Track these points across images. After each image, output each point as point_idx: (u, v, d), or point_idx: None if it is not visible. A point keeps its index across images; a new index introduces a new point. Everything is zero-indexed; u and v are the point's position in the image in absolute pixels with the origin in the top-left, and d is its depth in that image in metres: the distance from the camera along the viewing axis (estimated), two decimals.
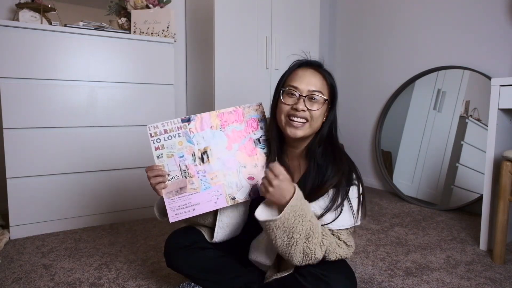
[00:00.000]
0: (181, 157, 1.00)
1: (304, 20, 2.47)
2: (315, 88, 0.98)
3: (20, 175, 1.67)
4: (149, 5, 1.98)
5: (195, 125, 1.02)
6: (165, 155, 0.99)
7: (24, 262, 1.43)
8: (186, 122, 1.01)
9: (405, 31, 2.55)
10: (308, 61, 1.04)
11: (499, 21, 2.04)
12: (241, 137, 1.04)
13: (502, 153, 1.49)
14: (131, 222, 1.93)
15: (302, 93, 0.98)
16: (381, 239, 1.70)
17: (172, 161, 0.99)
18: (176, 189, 0.99)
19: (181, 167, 1.00)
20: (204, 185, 1.00)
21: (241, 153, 1.03)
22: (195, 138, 1.01)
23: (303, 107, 0.97)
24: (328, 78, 1.02)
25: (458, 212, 2.14)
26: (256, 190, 1.02)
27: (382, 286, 1.26)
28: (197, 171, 1.00)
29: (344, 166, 0.99)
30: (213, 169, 1.01)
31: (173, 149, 1.00)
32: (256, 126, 1.06)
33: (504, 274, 1.35)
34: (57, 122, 1.73)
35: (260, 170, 1.03)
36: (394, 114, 2.62)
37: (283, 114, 1.00)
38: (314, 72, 1.01)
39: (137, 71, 1.90)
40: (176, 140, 1.00)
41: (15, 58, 1.62)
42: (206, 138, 1.02)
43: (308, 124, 0.99)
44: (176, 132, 1.00)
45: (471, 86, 2.18)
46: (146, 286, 1.24)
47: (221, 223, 1.07)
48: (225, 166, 1.01)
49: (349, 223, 0.98)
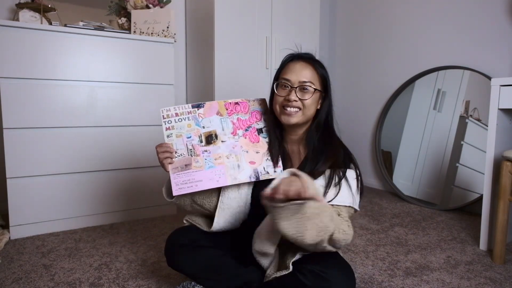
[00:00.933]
0: (189, 138, 1.08)
1: (304, 20, 2.47)
2: (306, 79, 1.05)
3: (20, 175, 1.67)
4: (149, 5, 1.98)
5: (204, 111, 1.11)
6: (174, 135, 1.08)
7: (24, 262, 1.43)
8: (196, 107, 1.11)
9: (405, 31, 2.55)
10: (299, 54, 1.11)
11: (499, 21, 2.04)
12: (245, 125, 1.13)
13: (502, 153, 1.49)
14: (131, 222, 1.93)
15: (294, 85, 1.06)
16: (381, 239, 1.70)
17: (180, 140, 1.08)
18: (181, 165, 1.06)
19: (188, 147, 1.08)
20: (208, 164, 1.07)
21: (245, 139, 1.11)
22: (203, 122, 1.10)
23: (295, 97, 1.05)
24: (318, 68, 1.08)
25: (458, 212, 2.14)
26: (257, 174, 1.08)
27: (382, 286, 1.26)
28: (202, 151, 1.08)
29: (338, 150, 1.07)
30: (218, 151, 1.09)
31: (182, 130, 1.09)
32: (259, 118, 1.15)
33: (504, 274, 1.35)
34: (57, 122, 1.73)
35: (261, 157, 1.10)
36: (394, 114, 2.62)
37: (278, 104, 1.08)
38: (305, 64, 1.08)
39: (137, 71, 1.90)
40: (185, 123, 1.09)
41: (15, 58, 1.62)
42: (213, 122, 1.11)
43: (301, 112, 1.06)
44: (186, 115, 1.10)
45: (471, 86, 2.18)
46: (146, 286, 1.24)
47: (222, 204, 1.10)
48: (229, 149, 1.09)
49: (348, 201, 1.01)
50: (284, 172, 0.93)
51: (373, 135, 2.78)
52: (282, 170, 1.08)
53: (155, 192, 2.00)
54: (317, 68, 1.08)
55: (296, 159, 1.12)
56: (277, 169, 1.09)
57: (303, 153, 1.12)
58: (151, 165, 1.97)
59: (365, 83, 2.86)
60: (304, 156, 1.11)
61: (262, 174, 1.08)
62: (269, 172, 1.08)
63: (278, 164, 1.09)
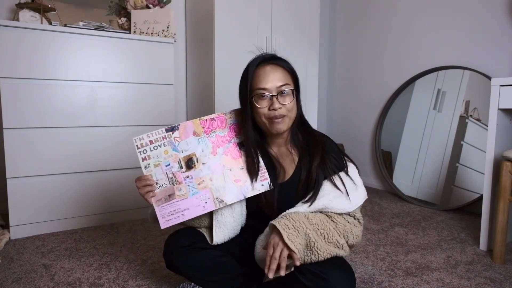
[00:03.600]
0: (168, 165, 1.03)
1: (304, 20, 2.47)
2: (281, 82, 1.03)
3: (20, 175, 1.67)
4: (149, 5, 1.98)
5: (179, 134, 1.05)
6: (152, 165, 1.03)
7: (24, 262, 1.43)
8: (171, 131, 1.05)
9: (405, 31, 2.55)
10: (262, 57, 1.07)
11: (499, 21, 2.04)
12: (225, 141, 1.07)
13: (502, 153, 1.49)
14: (131, 222, 1.93)
15: (272, 92, 1.03)
16: (381, 239, 1.70)
17: (159, 170, 1.03)
18: (165, 196, 1.02)
19: (168, 175, 1.03)
20: (191, 190, 1.03)
21: (226, 157, 1.06)
22: (180, 146, 1.05)
23: (278, 105, 1.02)
24: (286, 66, 1.07)
25: (458, 212, 2.14)
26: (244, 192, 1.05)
27: (382, 286, 1.26)
28: (184, 178, 1.03)
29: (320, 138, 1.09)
30: (200, 174, 1.04)
31: (160, 158, 1.03)
32: (239, 131, 1.09)
33: (504, 274, 1.35)
34: (57, 122, 1.73)
35: (246, 172, 1.06)
36: (394, 114, 2.62)
37: (263, 116, 1.04)
38: (273, 67, 1.05)
39: (137, 71, 1.90)
40: (161, 150, 1.04)
41: (15, 58, 1.62)
42: (191, 145, 1.05)
43: (287, 117, 1.05)
44: (161, 141, 1.04)
45: (471, 86, 2.18)
46: (146, 286, 1.24)
47: (217, 223, 1.08)
48: (211, 171, 1.05)
49: (362, 198, 1.05)
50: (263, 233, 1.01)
51: (373, 135, 2.78)
52: (269, 182, 1.05)
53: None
54: (285, 66, 1.06)
55: (289, 161, 1.10)
56: (264, 182, 1.05)
57: (296, 154, 1.10)
58: None
59: (365, 83, 2.86)
60: (298, 159, 1.09)
61: (249, 191, 1.05)
62: (256, 188, 1.05)
63: (264, 177, 1.05)
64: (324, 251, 0.95)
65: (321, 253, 0.94)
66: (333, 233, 0.97)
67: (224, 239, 1.10)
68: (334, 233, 0.98)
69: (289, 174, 1.09)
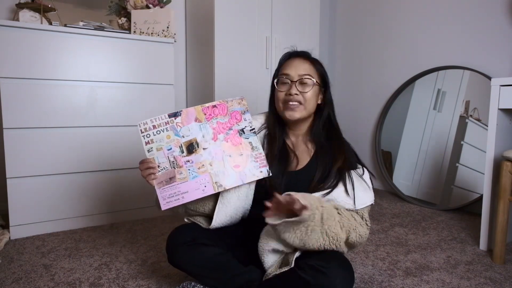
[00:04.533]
0: (170, 150, 1.06)
1: (304, 20, 2.47)
2: (304, 72, 1.09)
3: (20, 175, 1.67)
4: (149, 5, 1.98)
5: (181, 119, 1.08)
6: (154, 149, 1.06)
7: (24, 262, 1.43)
8: (173, 117, 1.08)
9: (405, 31, 2.55)
10: (296, 51, 1.16)
11: (499, 21, 2.04)
12: (226, 128, 1.10)
13: (502, 153, 1.49)
14: (131, 222, 1.93)
15: (293, 79, 1.09)
16: (381, 239, 1.70)
17: (161, 153, 1.06)
18: (166, 179, 1.05)
19: (170, 159, 1.06)
20: (192, 174, 1.06)
21: (227, 143, 1.09)
22: (182, 131, 1.08)
23: (295, 91, 1.08)
24: (316, 64, 1.13)
25: (458, 212, 2.14)
26: (243, 177, 1.07)
27: (382, 286, 1.26)
28: (185, 162, 1.06)
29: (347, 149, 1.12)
30: (200, 159, 1.07)
31: (162, 143, 1.06)
32: (240, 118, 1.12)
33: (504, 274, 1.35)
34: (57, 122, 1.73)
35: (246, 159, 1.09)
36: (394, 114, 2.62)
37: (280, 100, 1.11)
38: (303, 60, 1.12)
39: (137, 71, 1.90)
40: (164, 134, 1.07)
41: (15, 58, 1.62)
42: (192, 130, 1.08)
43: (303, 107, 1.09)
44: (164, 126, 1.07)
45: (471, 86, 2.18)
46: (146, 286, 1.24)
47: (222, 199, 1.10)
48: (211, 156, 1.08)
49: (370, 200, 1.06)
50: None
51: (373, 135, 2.78)
52: (268, 169, 1.08)
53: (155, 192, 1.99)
54: (315, 63, 1.13)
55: (305, 155, 1.14)
56: (263, 169, 1.08)
57: (312, 149, 1.14)
58: None
59: (365, 83, 2.86)
60: (314, 152, 1.13)
61: (248, 176, 1.07)
62: (255, 174, 1.08)
63: (263, 164, 1.08)
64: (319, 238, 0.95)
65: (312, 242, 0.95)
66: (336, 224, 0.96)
67: (224, 219, 1.10)
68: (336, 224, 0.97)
69: (302, 165, 1.12)
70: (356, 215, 1.04)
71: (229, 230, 1.16)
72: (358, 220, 1.03)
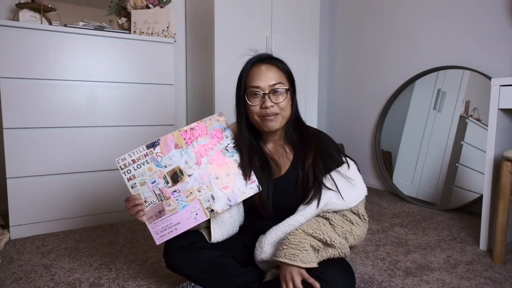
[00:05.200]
0: (154, 182, 1.03)
1: (304, 20, 2.46)
2: (275, 81, 1.04)
3: (20, 175, 1.67)
4: (149, 5, 1.98)
5: (160, 149, 1.05)
6: (138, 184, 1.03)
7: (24, 262, 1.43)
8: (152, 147, 1.04)
9: (405, 31, 2.55)
10: (258, 57, 1.09)
11: (499, 21, 2.04)
12: (208, 150, 1.07)
13: (502, 153, 1.49)
14: (131, 222, 1.93)
15: (265, 91, 1.04)
16: (381, 239, 1.70)
17: (146, 188, 1.03)
18: (155, 213, 1.03)
19: (156, 192, 1.03)
20: (181, 204, 1.03)
21: (212, 166, 1.06)
22: (163, 161, 1.04)
23: (270, 103, 1.03)
24: (282, 66, 1.07)
25: (458, 212, 2.14)
26: (233, 198, 1.05)
27: (382, 286, 1.26)
28: (171, 192, 1.04)
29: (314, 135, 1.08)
30: (187, 187, 1.04)
31: (145, 176, 1.03)
32: (221, 136, 1.09)
33: (504, 274, 1.35)
34: (57, 122, 1.73)
35: (234, 178, 1.06)
36: (394, 114, 2.62)
37: (256, 114, 1.06)
38: (268, 66, 1.06)
39: (137, 71, 1.90)
40: (145, 167, 1.03)
41: (15, 58, 1.62)
42: (174, 158, 1.05)
43: (280, 116, 1.05)
44: (144, 159, 1.03)
45: (471, 86, 2.18)
46: (146, 286, 1.24)
47: (215, 220, 1.09)
48: (198, 182, 1.05)
49: (362, 194, 1.04)
50: None
51: (373, 135, 2.78)
52: (258, 184, 1.06)
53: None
54: (281, 66, 1.07)
55: (285, 159, 1.10)
56: (253, 185, 1.06)
57: (290, 152, 1.10)
58: None
59: (365, 83, 2.86)
60: (293, 155, 1.09)
61: (238, 196, 1.05)
62: (245, 192, 1.06)
63: (252, 179, 1.06)
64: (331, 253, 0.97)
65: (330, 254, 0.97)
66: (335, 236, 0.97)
67: (222, 236, 1.10)
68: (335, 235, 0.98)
69: (284, 170, 1.09)
70: (351, 215, 1.02)
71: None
72: (354, 220, 1.02)
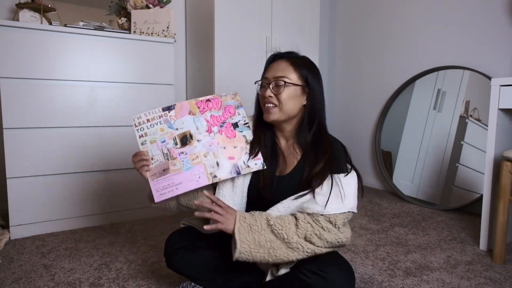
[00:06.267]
0: (163, 142, 1.07)
1: (304, 20, 2.47)
2: (280, 74, 1.05)
3: (20, 175, 1.67)
4: (149, 5, 1.98)
5: (175, 113, 1.09)
6: (148, 142, 1.07)
7: (24, 262, 1.43)
8: (167, 110, 1.09)
9: (405, 31, 2.55)
10: (279, 53, 1.12)
11: (499, 21, 2.04)
12: (220, 121, 1.11)
13: (502, 153, 1.49)
14: (131, 222, 1.93)
15: (269, 81, 1.07)
16: (381, 239, 1.70)
17: (155, 146, 1.06)
18: (159, 171, 1.05)
19: (164, 151, 1.06)
20: (185, 166, 1.05)
21: (221, 136, 1.09)
22: (176, 124, 1.08)
23: (269, 93, 1.05)
24: (296, 63, 1.07)
25: (458, 212, 2.14)
26: (237, 169, 1.07)
27: (382, 286, 1.26)
28: (178, 154, 1.06)
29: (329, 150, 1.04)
30: (194, 150, 1.07)
31: (156, 135, 1.07)
32: (233, 112, 1.13)
33: (504, 274, 1.35)
34: (57, 122, 1.73)
35: (240, 151, 1.08)
36: (394, 114, 2.62)
37: (261, 103, 1.10)
38: (281, 61, 1.08)
39: (137, 71, 1.90)
40: (158, 127, 1.08)
41: (15, 58, 1.62)
42: (186, 123, 1.08)
43: (277, 109, 1.05)
44: (158, 120, 1.08)
45: (471, 86, 2.18)
46: (146, 286, 1.24)
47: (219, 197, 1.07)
48: (206, 148, 1.07)
49: (346, 208, 0.98)
50: None
51: (373, 135, 2.78)
52: (263, 162, 1.07)
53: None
54: (296, 63, 1.07)
55: (292, 158, 1.10)
56: (258, 161, 1.07)
57: (299, 153, 1.09)
58: None
59: (365, 83, 2.86)
60: (301, 156, 1.08)
61: (243, 168, 1.06)
62: (250, 166, 1.06)
63: (257, 156, 1.07)
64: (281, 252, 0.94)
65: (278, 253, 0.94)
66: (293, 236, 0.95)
67: None
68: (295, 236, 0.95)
69: (290, 168, 1.09)
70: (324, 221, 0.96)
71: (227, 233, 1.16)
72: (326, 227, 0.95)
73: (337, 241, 0.96)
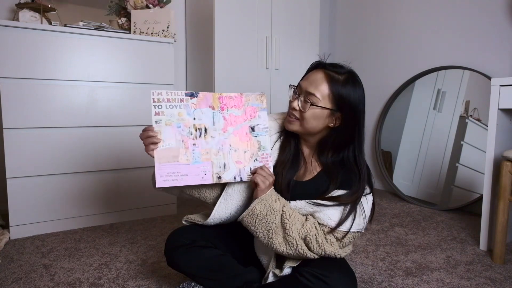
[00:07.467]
0: (179, 127, 1.02)
1: (304, 20, 2.47)
2: (311, 89, 0.99)
3: (20, 175, 1.67)
4: (149, 5, 1.98)
5: (197, 101, 1.05)
6: (163, 122, 1.01)
7: (24, 262, 1.43)
8: (189, 96, 1.04)
9: (405, 31, 2.55)
10: (321, 63, 1.05)
11: (499, 21, 2.04)
12: (238, 122, 1.07)
13: (502, 153, 1.49)
14: (131, 222, 1.93)
15: (301, 93, 1.02)
16: (381, 239, 1.70)
17: (169, 129, 1.02)
18: (168, 156, 1.01)
19: (177, 137, 1.02)
20: (195, 158, 1.03)
21: (235, 137, 1.06)
22: (195, 113, 1.04)
23: (295, 105, 1.02)
24: (334, 85, 0.98)
25: (458, 212, 2.14)
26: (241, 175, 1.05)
27: (382, 286, 1.26)
28: (191, 144, 1.03)
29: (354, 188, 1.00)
30: (206, 146, 1.04)
31: (173, 118, 1.02)
32: (254, 114, 1.09)
33: (504, 274, 1.35)
34: (57, 122, 1.73)
35: (249, 157, 1.06)
36: (394, 114, 2.62)
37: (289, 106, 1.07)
38: (323, 76, 1.00)
39: (137, 71, 1.90)
40: (176, 111, 1.03)
41: (15, 58, 1.62)
42: (204, 116, 1.05)
43: (299, 123, 1.03)
44: (178, 103, 1.03)
45: (471, 86, 2.18)
46: (146, 286, 1.24)
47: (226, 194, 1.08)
48: (217, 146, 1.05)
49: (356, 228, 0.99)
50: None
51: (373, 135, 2.78)
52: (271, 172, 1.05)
53: (155, 192, 2.00)
54: (334, 84, 0.98)
55: (312, 169, 1.08)
56: None
57: (318, 167, 1.07)
58: (151, 165, 1.96)
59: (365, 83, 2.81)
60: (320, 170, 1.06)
61: (247, 175, 1.04)
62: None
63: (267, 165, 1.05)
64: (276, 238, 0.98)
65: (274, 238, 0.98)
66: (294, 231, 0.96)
67: (224, 216, 1.08)
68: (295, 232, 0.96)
69: (308, 177, 1.07)
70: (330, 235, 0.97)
71: (228, 231, 1.16)
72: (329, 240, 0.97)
73: (334, 255, 0.98)
